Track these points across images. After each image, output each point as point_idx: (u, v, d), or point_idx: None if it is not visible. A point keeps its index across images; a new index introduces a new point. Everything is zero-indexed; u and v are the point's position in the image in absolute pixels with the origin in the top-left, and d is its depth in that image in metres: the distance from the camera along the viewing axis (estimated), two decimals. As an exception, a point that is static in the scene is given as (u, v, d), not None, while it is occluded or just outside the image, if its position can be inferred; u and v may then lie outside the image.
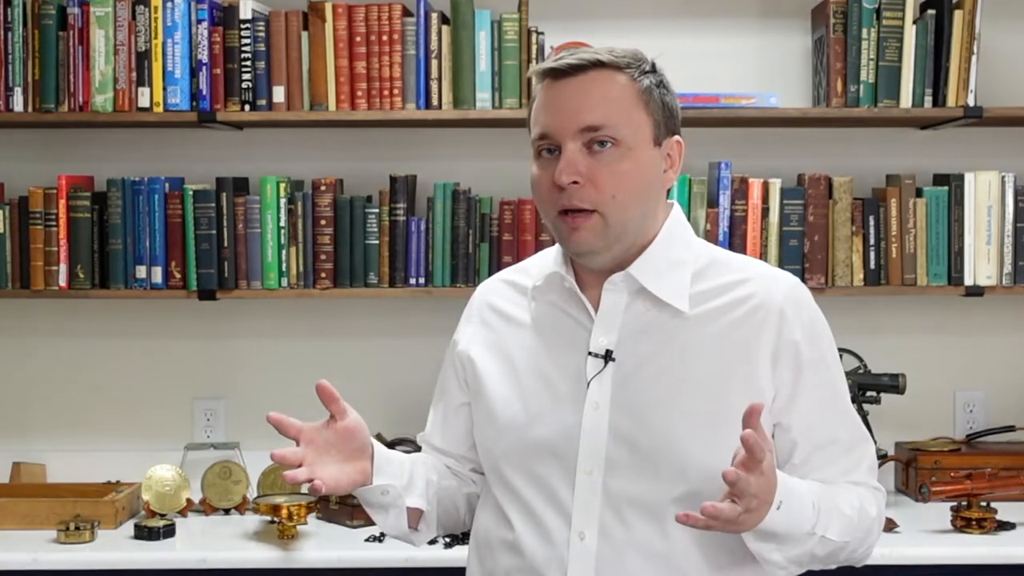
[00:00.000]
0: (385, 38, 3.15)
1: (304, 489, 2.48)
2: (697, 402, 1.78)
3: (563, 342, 1.86)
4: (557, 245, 1.90)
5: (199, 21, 3.13)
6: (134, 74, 3.13)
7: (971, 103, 3.13)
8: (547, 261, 1.93)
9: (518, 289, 1.96)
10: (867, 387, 3.22)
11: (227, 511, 3.19)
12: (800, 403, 1.80)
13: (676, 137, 1.86)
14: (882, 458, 3.21)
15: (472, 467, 2.02)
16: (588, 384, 1.81)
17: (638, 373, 1.80)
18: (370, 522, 3.02)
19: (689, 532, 1.73)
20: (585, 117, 1.77)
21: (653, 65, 1.86)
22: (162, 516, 3.07)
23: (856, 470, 1.84)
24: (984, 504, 2.95)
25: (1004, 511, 2.97)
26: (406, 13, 3.17)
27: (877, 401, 3.23)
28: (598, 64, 1.79)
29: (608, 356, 1.81)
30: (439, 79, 3.16)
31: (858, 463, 1.85)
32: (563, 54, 1.83)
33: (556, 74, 1.80)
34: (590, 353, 1.82)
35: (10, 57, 3.14)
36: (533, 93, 1.87)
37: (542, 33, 3.20)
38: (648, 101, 1.81)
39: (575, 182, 1.76)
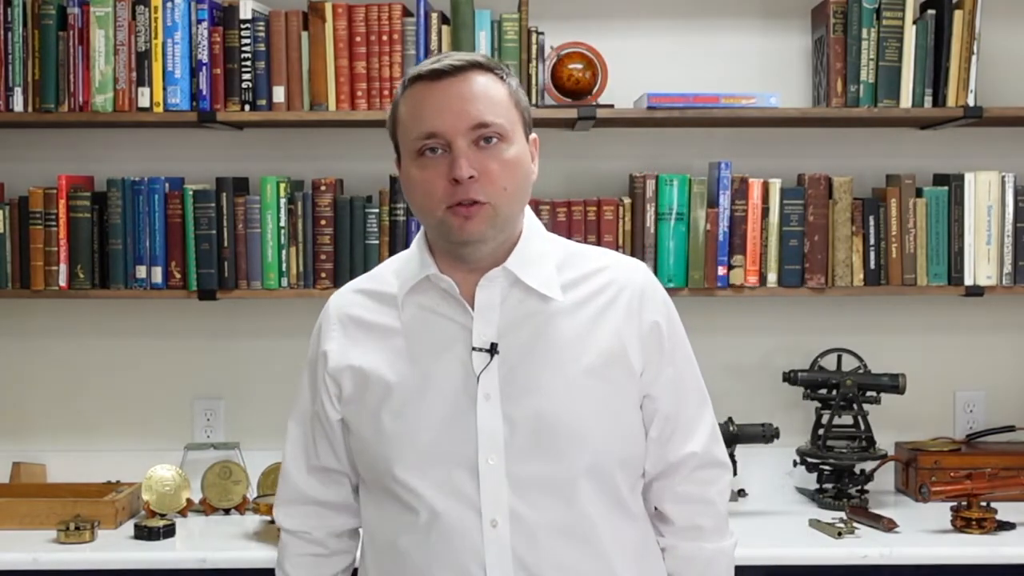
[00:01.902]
0: (385, 38, 3.15)
1: None
2: (582, 381, 1.88)
3: (441, 343, 1.91)
4: (411, 250, 1.98)
5: (199, 21, 3.13)
6: (134, 74, 3.13)
7: (971, 103, 3.13)
8: (408, 267, 1.97)
9: (378, 298, 1.98)
10: (867, 387, 3.23)
11: (227, 511, 3.19)
12: (664, 375, 1.95)
13: (534, 135, 1.96)
14: (882, 458, 3.22)
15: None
16: (478, 378, 1.87)
17: (523, 361, 1.88)
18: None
19: (596, 504, 1.88)
20: (474, 115, 1.84)
21: (510, 69, 1.96)
22: (162, 516, 3.07)
23: (695, 439, 1.99)
24: (984, 504, 2.95)
25: (1004, 511, 2.97)
26: (406, 13, 3.17)
27: (877, 401, 3.23)
28: (477, 66, 1.88)
29: (493, 349, 1.88)
30: (439, 79, 3.16)
31: (699, 429, 2.01)
32: (438, 57, 1.91)
33: (438, 75, 1.87)
34: (474, 348, 1.88)
35: (10, 57, 3.14)
36: (398, 97, 1.94)
37: (542, 33, 3.20)
38: (517, 101, 1.91)
39: (471, 176, 1.82)
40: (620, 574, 1.90)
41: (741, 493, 3.21)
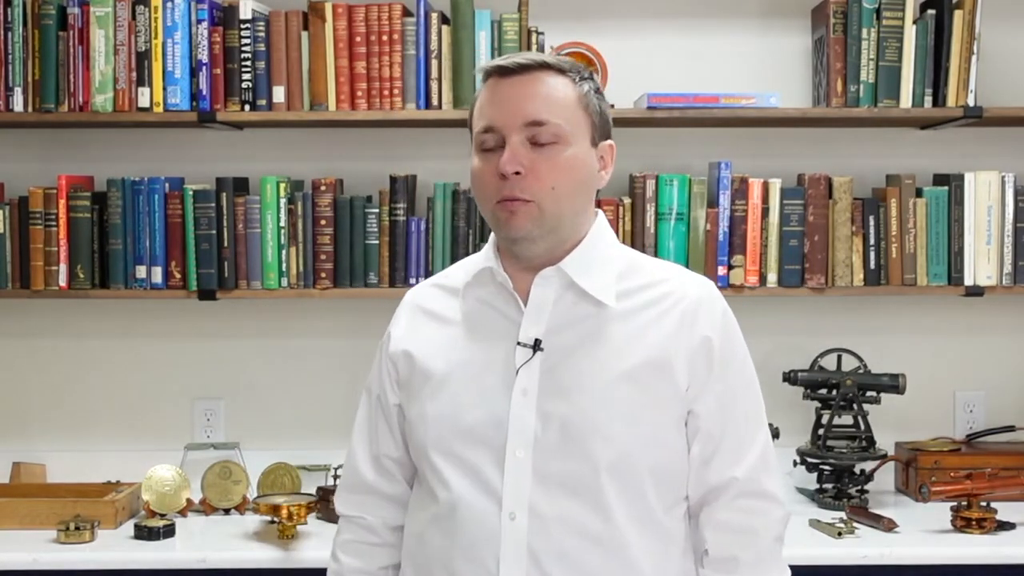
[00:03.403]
0: (385, 38, 3.15)
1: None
2: (620, 387, 1.87)
3: (492, 335, 1.94)
4: (486, 247, 2.01)
5: (199, 21, 3.13)
6: (134, 74, 3.13)
7: (971, 103, 3.13)
8: (476, 261, 2.02)
9: (447, 291, 2.04)
10: (867, 387, 3.23)
11: (227, 511, 3.19)
12: (710, 392, 1.91)
13: (609, 141, 1.97)
14: (882, 458, 3.22)
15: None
16: (517, 372, 1.89)
17: (565, 361, 1.89)
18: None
19: (621, 510, 1.85)
20: (530, 112, 1.87)
21: (591, 74, 1.96)
22: (162, 516, 3.07)
23: (740, 464, 1.92)
24: (984, 504, 2.95)
25: (1004, 511, 2.97)
26: (406, 13, 3.17)
27: (877, 401, 3.23)
28: (544, 66, 1.90)
29: (536, 345, 1.89)
30: (439, 79, 3.16)
31: (747, 454, 1.93)
32: (512, 54, 1.94)
33: (503, 72, 1.90)
34: (519, 343, 1.90)
35: (10, 57, 3.14)
36: (477, 91, 1.97)
37: (542, 33, 3.20)
38: (587, 104, 1.92)
39: (517, 172, 1.85)
40: None
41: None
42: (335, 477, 3.15)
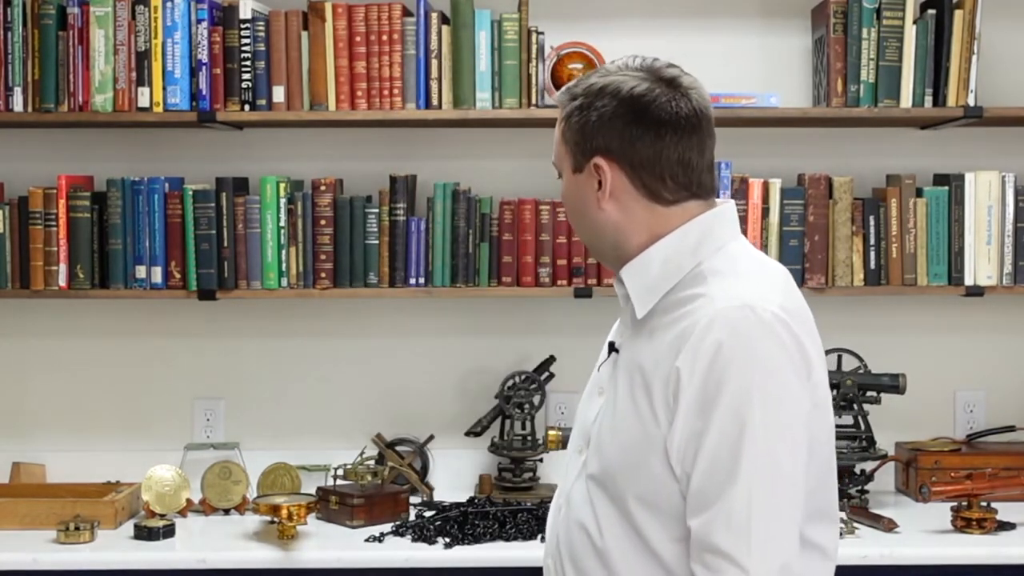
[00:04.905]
0: (385, 38, 3.15)
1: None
2: (621, 394, 1.81)
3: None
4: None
5: (199, 21, 3.13)
6: (134, 74, 3.13)
7: (971, 103, 3.13)
8: None
9: None
10: (867, 387, 3.22)
11: (227, 511, 3.19)
12: (677, 431, 1.71)
13: (595, 159, 1.81)
14: (882, 458, 3.22)
15: None
16: (598, 369, 1.92)
17: (619, 365, 1.85)
18: (370, 522, 3.04)
19: (608, 519, 1.79)
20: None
21: (576, 94, 1.84)
22: (162, 516, 3.07)
23: (698, 516, 1.70)
24: (984, 504, 2.95)
25: (1004, 511, 2.97)
26: (406, 13, 3.17)
27: (877, 401, 3.23)
28: (560, 106, 1.87)
29: (611, 347, 1.88)
30: (439, 79, 3.16)
31: (711, 506, 1.69)
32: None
33: None
34: (609, 343, 1.92)
35: (10, 57, 3.13)
36: None
37: (542, 33, 3.19)
38: (565, 131, 1.85)
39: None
40: None
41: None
42: (335, 477, 3.15)
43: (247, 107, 3.15)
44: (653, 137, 1.78)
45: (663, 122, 1.77)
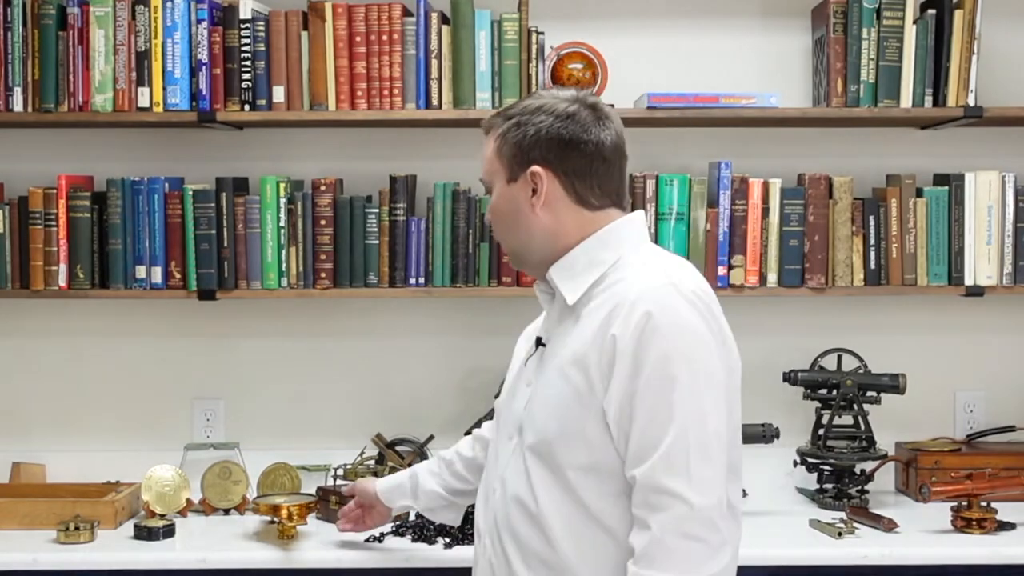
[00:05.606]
0: (385, 38, 3.15)
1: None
2: (550, 377, 2.06)
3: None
4: None
5: (199, 21, 3.13)
6: (134, 74, 3.13)
7: (971, 103, 3.13)
8: None
9: None
10: (867, 387, 3.22)
11: (227, 511, 3.19)
12: (614, 393, 1.96)
13: (532, 168, 2.08)
14: (882, 458, 3.22)
15: None
16: (525, 363, 2.18)
17: (547, 356, 2.10)
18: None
19: (543, 488, 2.03)
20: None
21: (514, 112, 2.11)
22: (162, 516, 3.07)
23: (640, 465, 1.94)
24: (984, 504, 2.95)
25: (1004, 511, 2.97)
26: (406, 13, 3.17)
27: (877, 401, 3.23)
28: (488, 129, 2.14)
29: (538, 342, 2.14)
30: (439, 79, 3.16)
31: (651, 455, 1.93)
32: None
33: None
34: (536, 339, 2.17)
35: (10, 57, 3.13)
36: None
37: (542, 33, 3.19)
38: (500, 146, 2.10)
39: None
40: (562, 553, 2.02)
41: (743, 493, 3.20)
42: (335, 477, 3.15)
43: (247, 107, 3.15)
44: (584, 150, 2.06)
45: (592, 141, 2.07)
